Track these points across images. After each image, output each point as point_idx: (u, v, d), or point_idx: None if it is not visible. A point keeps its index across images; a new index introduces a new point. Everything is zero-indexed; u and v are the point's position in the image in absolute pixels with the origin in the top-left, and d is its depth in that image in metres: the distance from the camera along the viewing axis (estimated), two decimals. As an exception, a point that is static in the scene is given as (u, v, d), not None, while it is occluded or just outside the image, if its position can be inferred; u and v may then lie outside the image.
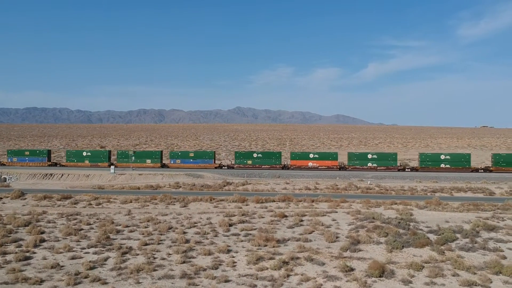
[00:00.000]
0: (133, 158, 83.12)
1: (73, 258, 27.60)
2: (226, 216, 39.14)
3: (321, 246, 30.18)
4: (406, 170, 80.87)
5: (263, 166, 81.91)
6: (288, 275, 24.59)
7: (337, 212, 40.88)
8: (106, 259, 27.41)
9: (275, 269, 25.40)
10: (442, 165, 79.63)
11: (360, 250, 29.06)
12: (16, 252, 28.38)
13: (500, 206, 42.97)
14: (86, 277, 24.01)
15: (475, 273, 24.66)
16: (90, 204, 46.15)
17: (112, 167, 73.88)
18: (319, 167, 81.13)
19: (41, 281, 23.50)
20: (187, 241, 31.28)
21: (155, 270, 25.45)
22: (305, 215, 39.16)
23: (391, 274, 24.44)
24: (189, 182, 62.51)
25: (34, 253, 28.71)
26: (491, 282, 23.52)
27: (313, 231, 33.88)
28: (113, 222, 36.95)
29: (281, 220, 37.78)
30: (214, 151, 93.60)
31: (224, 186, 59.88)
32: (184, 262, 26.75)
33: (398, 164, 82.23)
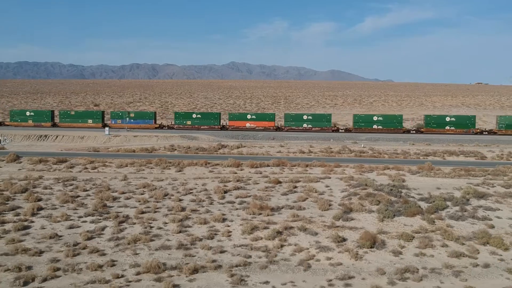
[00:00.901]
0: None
1: (70, 227, 28.10)
2: (221, 182, 39.61)
3: (314, 214, 30.81)
4: (340, 131, 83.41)
5: (202, 127, 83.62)
6: (282, 246, 25.25)
7: (330, 178, 41.42)
8: (103, 228, 27.93)
9: (269, 239, 26.04)
10: (375, 126, 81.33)
11: (352, 219, 29.71)
12: (14, 221, 28.78)
13: (491, 171, 43.64)
14: (84, 248, 24.56)
15: (463, 244, 25.43)
16: (86, 168, 46.43)
17: (107, 128, 73.67)
18: (256, 128, 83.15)
19: (41, 252, 24.02)
20: (183, 209, 31.80)
21: (152, 240, 26.03)
22: (299, 181, 39.67)
23: (382, 245, 25.16)
24: (184, 145, 62.71)
25: (32, 222, 29.14)
26: (478, 253, 24.30)
27: (307, 198, 34.49)
28: (109, 189, 37.38)
29: (275, 186, 38.32)
30: (155, 112, 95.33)
31: (219, 149, 60.20)
32: (180, 232, 27.34)
33: (332, 125, 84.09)
